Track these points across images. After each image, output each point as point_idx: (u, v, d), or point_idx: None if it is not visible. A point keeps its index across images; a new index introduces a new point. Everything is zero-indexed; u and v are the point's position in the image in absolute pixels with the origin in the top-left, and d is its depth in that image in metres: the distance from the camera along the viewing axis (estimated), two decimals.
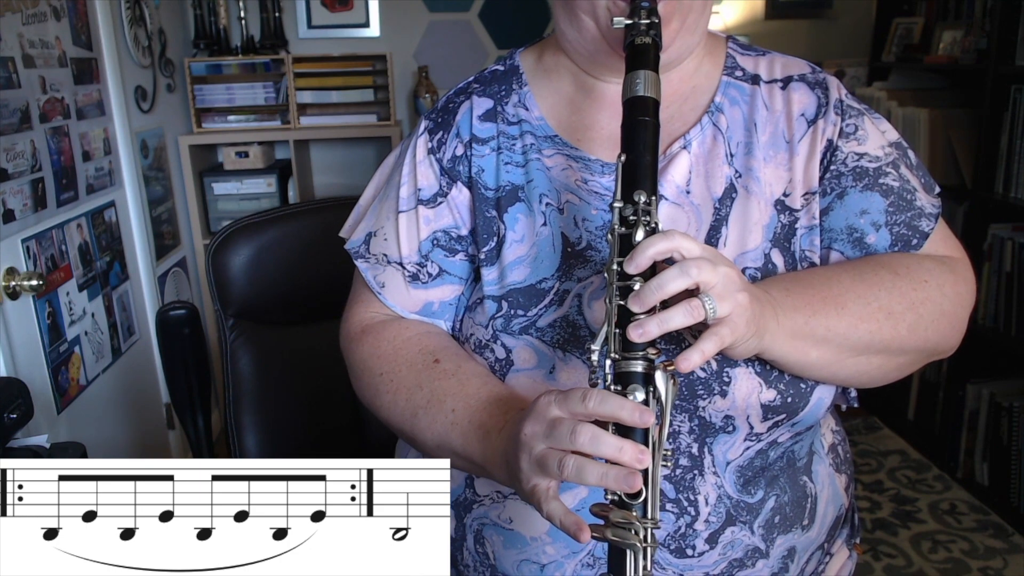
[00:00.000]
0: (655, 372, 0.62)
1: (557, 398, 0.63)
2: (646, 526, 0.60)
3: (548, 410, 0.63)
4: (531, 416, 0.64)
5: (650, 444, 0.61)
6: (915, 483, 2.45)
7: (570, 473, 0.60)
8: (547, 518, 0.62)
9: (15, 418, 1.10)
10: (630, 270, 0.63)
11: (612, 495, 0.62)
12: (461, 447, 0.74)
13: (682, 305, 0.62)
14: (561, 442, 0.61)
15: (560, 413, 0.63)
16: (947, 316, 0.78)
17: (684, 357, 0.62)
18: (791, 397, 0.76)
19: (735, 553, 0.79)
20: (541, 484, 0.63)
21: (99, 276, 1.93)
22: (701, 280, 0.62)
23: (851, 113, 0.82)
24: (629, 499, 0.61)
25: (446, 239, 0.85)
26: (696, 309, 0.62)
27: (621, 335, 0.62)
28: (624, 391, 0.62)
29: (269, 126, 2.69)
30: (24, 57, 1.63)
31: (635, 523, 0.60)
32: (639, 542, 0.60)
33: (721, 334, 0.63)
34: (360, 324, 0.88)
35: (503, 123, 0.86)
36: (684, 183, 0.81)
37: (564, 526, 0.61)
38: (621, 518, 0.60)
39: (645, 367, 0.62)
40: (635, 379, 0.62)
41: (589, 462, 0.60)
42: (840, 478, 0.89)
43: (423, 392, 0.79)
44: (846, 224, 0.80)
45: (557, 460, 0.61)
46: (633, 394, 0.62)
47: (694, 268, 0.62)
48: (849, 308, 0.73)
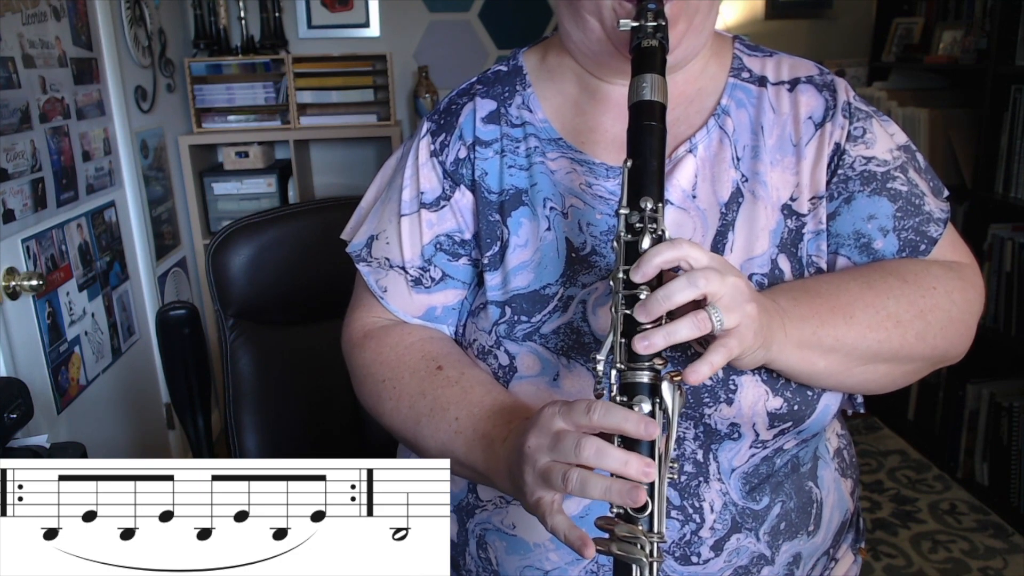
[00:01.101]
0: (661, 383, 0.61)
1: (561, 410, 0.62)
2: (652, 540, 0.59)
3: (552, 422, 0.62)
4: (535, 428, 0.63)
5: (656, 456, 0.60)
6: (915, 483, 2.45)
7: (574, 487, 0.59)
8: (551, 531, 0.61)
9: (15, 418, 1.10)
10: (636, 279, 0.62)
11: (618, 508, 0.61)
12: (464, 456, 0.74)
13: (688, 317, 0.61)
14: (565, 455, 0.60)
15: (564, 425, 0.62)
16: (955, 323, 0.77)
17: (692, 369, 0.61)
18: (798, 405, 0.75)
19: (740, 560, 0.78)
20: (545, 497, 0.62)
21: (99, 276, 1.93)
22: (709, 291, 0.61)
23: (859, 116, 0.81)
24: (635, 512, 0.60)
25: (449, 243, 0.84)
26: (703, 322, 0.61)
27: (627, 345, 0.61)
28: (630, 402, 0.61)
29: (269, 126, 2.69)
30: (24, 57, 1.63)
31: (641, 537, 0.59)
32: (645, 556, 0.59)
33: (729, 345, 0.63)
34: (362, 329, 0.87)
35: (507, 125, 0.84)
36: (690, 187, 0.80)
37: (568, 541, 0.60)
38: (627, 532, 0.59)
39: (651, 378, 0.61)
40: (641, 390, 0.61)
41: (593, 476, 0.59)
42: (846, 483, 0.88)
43: (426, 400, 0.78)
44: (853, 229, 0.79)
45: (561, 473, 0.60)
46: (639, 405, 0.61)
47: (702, 279, 0.61)
48: (857, 317, 0.72)
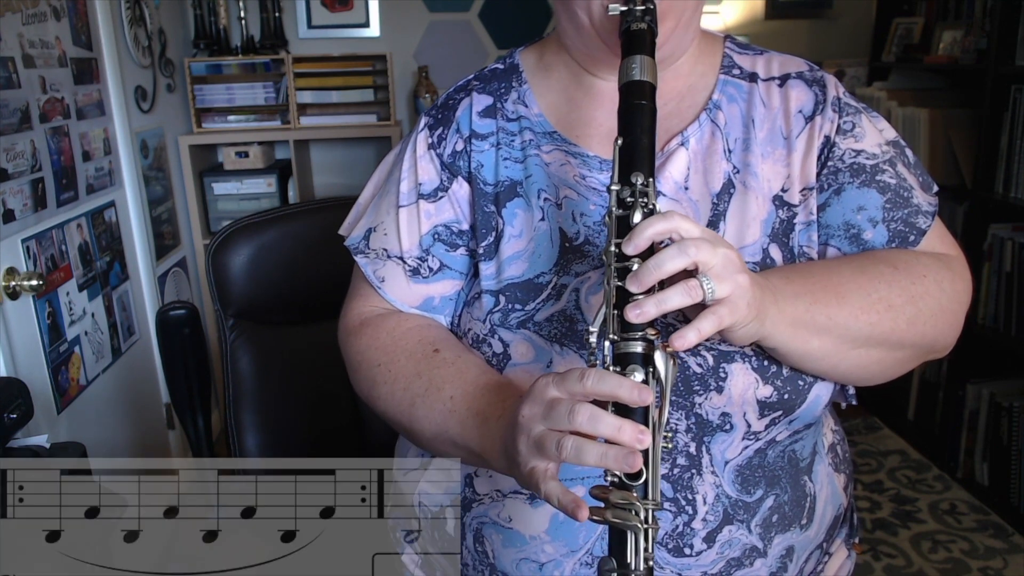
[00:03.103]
0: (654, 352, 0.61)
1: (555, 379, 0.62)
2: (647, 507, 0.59)
3: (546, 391, 0.62)
4: (529, 398, 0.64)
5: (650, 424, 0.60)
6: (915, 483, 2.45)
7: (569, 454, 0.59)
8: (545, 498, 0.61)
9: (15, 418, 1.10)
10: (628, 250, 0.62)
11: (612, 477, 0.61)
12: (459, 435, 0.74)
13: (680, 285, 0.62)
14: (559, 423, 0.60)
15: (558, 394, 0.62)
16: (945, 312, 0.78)
17: (679, 335, 0.61)
18: (788, 394, 0.76)
19: (733, 552, 0.79)
20: (539, 466, 0.62)
21: (99, 276, 1.93)
22: (700, 260, 0.62)
23: (848, 111, 0.82)
24: (629, 480, 0.60)
25: (447, 233, 0.85)
26: (694, 289, 0.62)
27: (619, 316, 0.62)
28: (623, 372, 0.61)
29: (269, 126, 2.69)
30: (24, 57, 1.63)
31: (636, 504, 0.59)
32: (640, 523, 0.58)
33: (720, 314, 0.63)
34: (359, 317, 0.87)
35: (502, 119, 0.86)
36: (682, 179, 0.81)
37: (562, 505, 0.59)
38: (621, 499, 0.59)
39: (644, 348, 0.61)
40: (634, 359, 0.61)
41: (588, 442, 0.59)
42: (839, 477, 0.89)
43: (421, 380, 0.78)
44: (843, 220, 0.80)
45: (555, 441, 0.60)
46: (632, 374, 0.61)
47: (692, 248, 0.61)
48: (850, 299, 0.73)
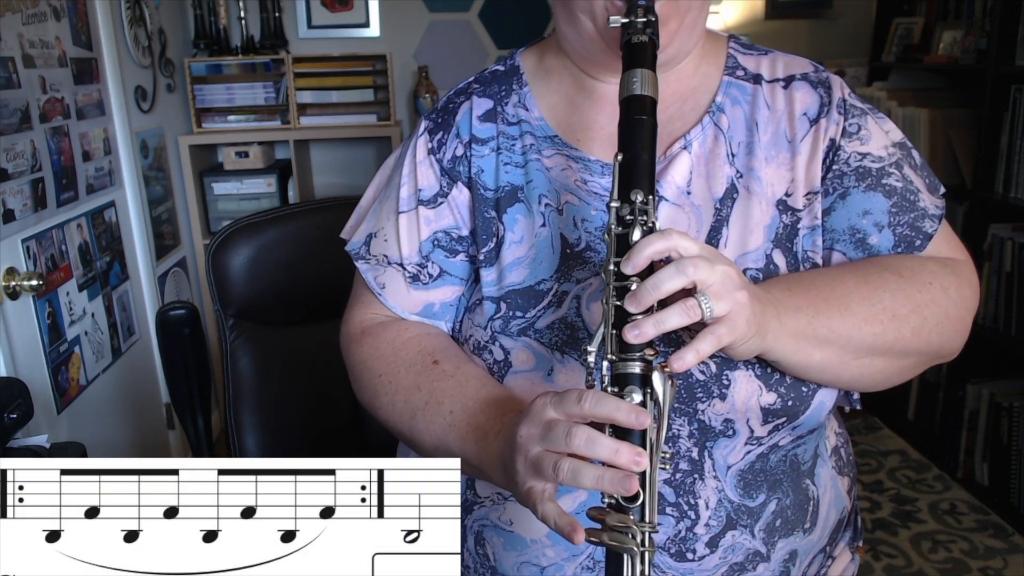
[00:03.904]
0: (652, 373, 0.61)
1: (553, 400, 0.62)
2: (644, 530, 0.59)
3: (544, 412, 0.62)
4: (527, 418, 0.63)
5: (648, 446, 0.60)
6: (915, 483, 2.45)
7: (565, 476, 0.59)
8: (542, 520, 0.61)
9: (15, 418, 1.10)
10: (627, 270, 0.62)
11: (609, 499, 0.61)
12: (458, 449, 0.74)
13: (678, 305, 0.61)
14: (557, 444, 0.60)
15: (556, 415, 0.62)
16: (951, 319, 0.77)
17: (678, 356, 0.61)
18: (792, 400, 0.75)
19: (736, 557, 0.78)
20: (537, 486, 0.62)
21: (99, 276, 1.93)
22: (698, 279, 0.61)
23: (854, 112, 0.81)
24: (626, 503, 0.60)
25: (447, 239, 0.85)
26: (692, 309, 0.61)
27: (618, 336, 0.61)
28: (621, 393, 0.61)
29: (269, 126, 2.69)
30: (24, 57, 1.63)
31: (632, 527, 0.59)
32: (636, 546, 0.58)
33: (718, 333, 0.63)
34: (360, 325, 0.87)
35: (503, 123, 0.85)
36: (685, 184, 0.80)
37: (559, 527, 0.60)
38: (618, 522, 0.59)
39: (642, 368, 0.61)
40: (632, 381, 0.61)
41: (585, 465, 0.59)
42: (842, 481, 0.88)
43: (421, 393, 0.78)
44: (848, 225, 0.79)
45: (552, 462, 0.60)
46: (630, 396, 0.61)
47: (690, 267, 0.61)
48: (853, 310, 0.72)
